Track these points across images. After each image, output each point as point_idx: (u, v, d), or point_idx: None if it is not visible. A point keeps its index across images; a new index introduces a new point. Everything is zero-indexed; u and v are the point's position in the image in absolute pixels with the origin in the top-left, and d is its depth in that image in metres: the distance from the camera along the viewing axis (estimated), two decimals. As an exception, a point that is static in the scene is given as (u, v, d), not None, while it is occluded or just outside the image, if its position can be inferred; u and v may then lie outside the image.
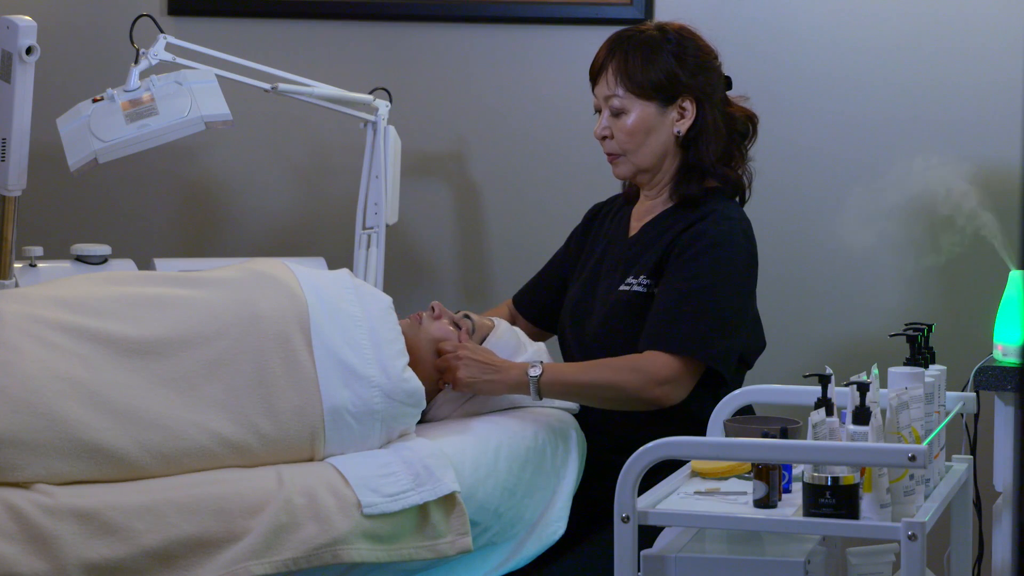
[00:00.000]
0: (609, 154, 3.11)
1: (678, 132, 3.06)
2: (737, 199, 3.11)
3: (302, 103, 3.50)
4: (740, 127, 3.11)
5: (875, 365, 2.57)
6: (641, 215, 3.15)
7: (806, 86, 3.79)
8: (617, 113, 3.07)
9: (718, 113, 3.08)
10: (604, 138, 3.09)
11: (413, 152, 3.80)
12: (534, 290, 3.33)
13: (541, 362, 2.94)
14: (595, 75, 3.10)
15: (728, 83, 3.14)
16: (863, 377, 2.46)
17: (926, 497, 2.54)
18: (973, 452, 3.00)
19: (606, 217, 3.24)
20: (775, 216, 3.77)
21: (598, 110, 3.11)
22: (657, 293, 3.00)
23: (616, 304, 3.04)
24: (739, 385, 3.09)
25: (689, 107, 3.06)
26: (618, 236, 3.16)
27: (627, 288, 3.04)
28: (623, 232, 3.16)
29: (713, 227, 3.01)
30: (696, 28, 3.11)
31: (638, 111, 3.06)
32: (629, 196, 3.22)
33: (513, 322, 3.26)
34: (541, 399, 2.94)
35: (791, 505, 2.46)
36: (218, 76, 3.30)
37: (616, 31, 3.12)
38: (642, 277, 3.03)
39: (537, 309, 3.30)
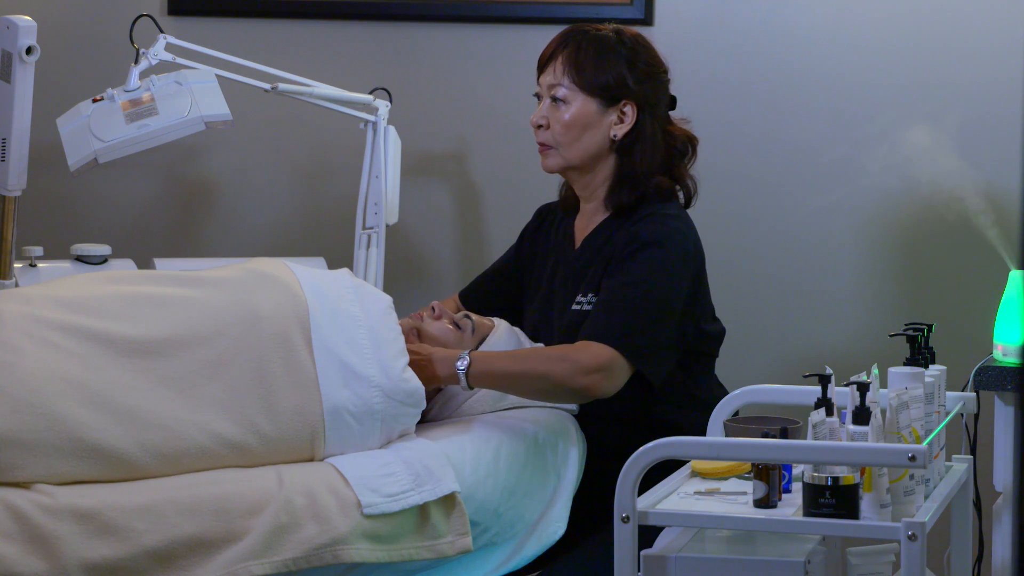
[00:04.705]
0: (541, 144, 3.09)
1: (614, 136, 3.05)
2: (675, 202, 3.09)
3: (302, 103, 3.50)
4: (679, 145, 3.10)
5: (875, 365, 2.56)
6: (583, 227, 3.14)
7: (805, 86, 3.79)
8: (558, 104, 3.06)
9: (658, 126, 3.07)
10: (539, 127, 3.09)
11: (413, 152, 3.80)
12: (481, 284, 3.32)
13: (470, 352, 2.91)
14: (543, 63, 3.09)
15: (672, 102, 3.13)
16: (863, 377, 2.46)
17: (926, 497, 2.54)
18: (973, 452, 3.00)
19: (551, 227, 3.23)
20: (774, 216, 3.77)
21: (538, 97, 3.10)
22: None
23: (571, 324, 3.02)
24: (708, 372, 3.09)
25: (630, 112, 3.05)
26: (565, 250, 3.15)
27: (578, 308, 3.03)
28: (569, 245, 3.15)
29: (646, 229, 2.99)
30: (652, 41, 3.10)
31: (579, 105, 3.05)
32: (567, 205, 3.20)
33: None
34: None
35: (791, 505, 2.46)
36: (218, 76, 3.30)
37: (573, 24, 3.12)
38: (590, 295, 3.02)
39: (482, 304, 3.28)
